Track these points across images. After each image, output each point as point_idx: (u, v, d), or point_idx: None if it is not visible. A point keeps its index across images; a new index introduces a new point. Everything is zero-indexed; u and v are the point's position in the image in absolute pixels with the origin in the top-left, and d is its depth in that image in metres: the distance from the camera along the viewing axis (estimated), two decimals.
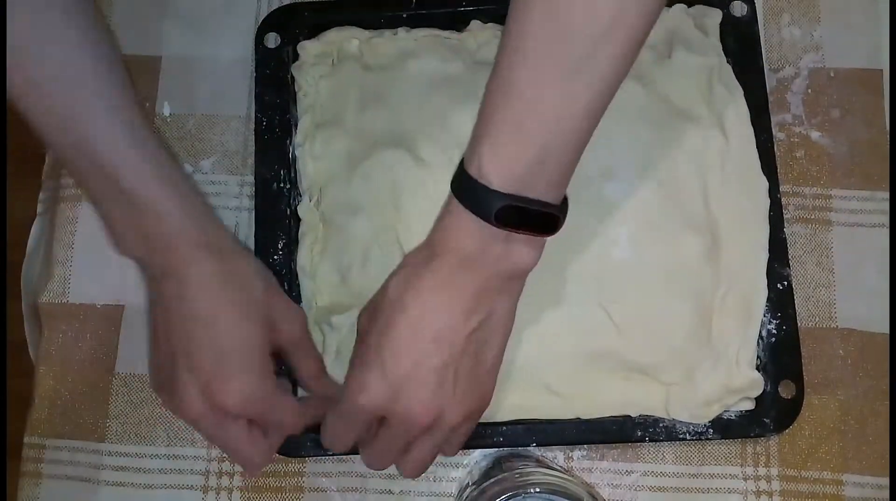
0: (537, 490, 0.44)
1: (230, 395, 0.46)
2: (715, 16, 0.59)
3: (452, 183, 0.45)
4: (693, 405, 0.53)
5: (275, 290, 0.51)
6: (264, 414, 0.48)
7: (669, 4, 0.59)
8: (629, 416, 0.54)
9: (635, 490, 0.55)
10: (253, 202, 0.58)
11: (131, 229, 0.48)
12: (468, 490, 0.49)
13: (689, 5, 0.60)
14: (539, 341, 0.53)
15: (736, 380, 0.53)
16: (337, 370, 0.54)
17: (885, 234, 0.58)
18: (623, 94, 0.55)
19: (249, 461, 0.49)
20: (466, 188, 0.44)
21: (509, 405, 0.54)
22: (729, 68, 0.58)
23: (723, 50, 0.59)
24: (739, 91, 0.57)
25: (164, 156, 0.49)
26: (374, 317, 0.48)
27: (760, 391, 0.54)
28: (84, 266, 0.59)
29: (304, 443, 0.53)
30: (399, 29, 0.60)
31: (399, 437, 0.47)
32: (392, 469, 0.55)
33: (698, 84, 0.57)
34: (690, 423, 0.53)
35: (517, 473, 0.47)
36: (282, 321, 0.50)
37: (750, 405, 0.54)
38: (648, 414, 0.54)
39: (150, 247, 0.47)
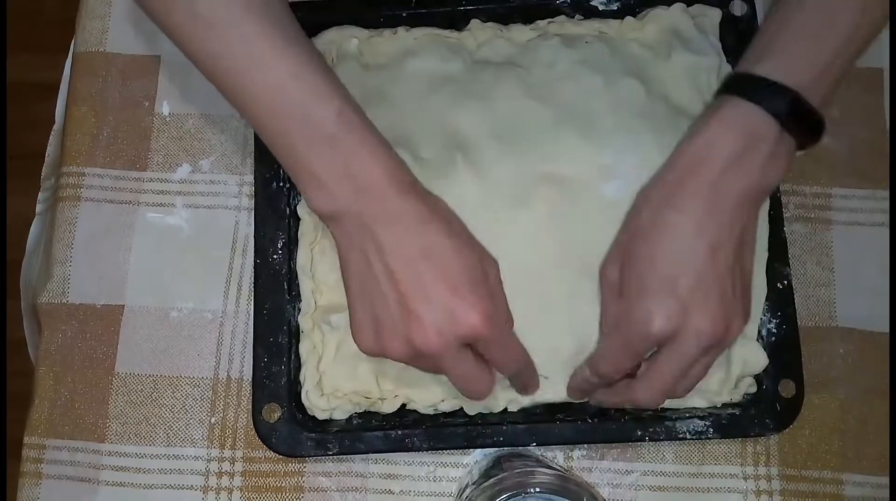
0: (537, 490, 0.44)
1: (475, 316, 0.46)
2: (714, 15, 0.59)
3: (731, 86, 0.48)
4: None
5: (467, 228, 0.51)
6: (500, 339, 0.48)
7: (668, 3, 0.59)
8: (629, 415, 0.54)
9: (635, 489, 0.55)
10: (252, 201, 0.58)
11: (340, 176, 0.47)
12: (468, 489, 0.49)
13: (689, 4, 0.59)
14: (541, 338, 0.53)
15: (743, 362, 0.54)
16: (337, 368, 0.54)
17: (885, 233, 0.58)
18: (622, 93, 0.56)
19: (479, 388, 0.50)
20: (756, 86, 0.47)
21: (506, 398, 0.54)
22: (729, 68, 0.58)
23: (722, 49, 0.58)
24: None
25: (353, 99, 0.49)
26: (632, 249, 0.49)
27: (765, 365, 0.54)
28: (84, 266, 0.59)
29: (304, 443, 0.53)
30: (398, 28, 0.60)
31: (686, 358, 0.47)
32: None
33: (698, 84, 0.57)
34: (690, 423, 0.53)
35: (517, 473, 0.47)
36: (484, 258, 0.50)
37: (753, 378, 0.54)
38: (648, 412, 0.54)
39: (360, 193, 0.47)
